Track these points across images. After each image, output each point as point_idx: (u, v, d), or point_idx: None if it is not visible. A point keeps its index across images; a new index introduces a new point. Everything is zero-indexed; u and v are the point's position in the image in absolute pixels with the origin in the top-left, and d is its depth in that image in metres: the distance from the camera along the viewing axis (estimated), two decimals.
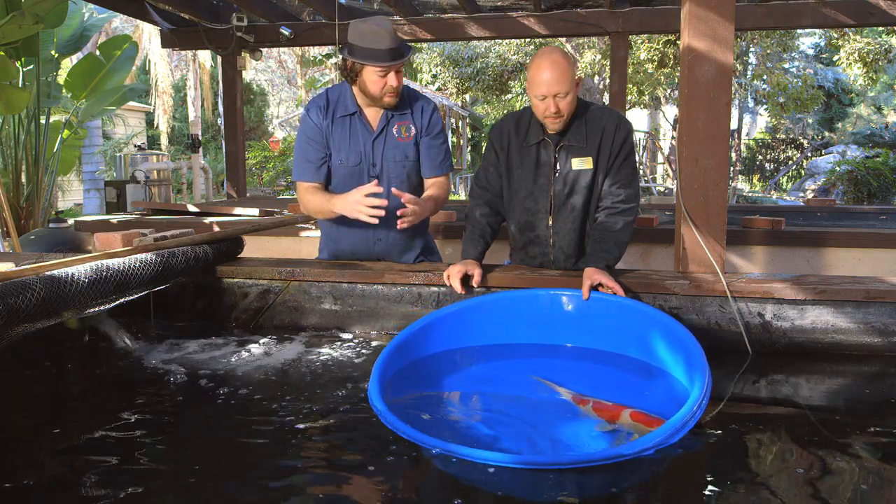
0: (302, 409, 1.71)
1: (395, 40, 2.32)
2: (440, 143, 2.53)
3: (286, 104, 25.72)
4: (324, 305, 2.43)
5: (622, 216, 2.28)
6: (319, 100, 2.49)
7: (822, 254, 4.04)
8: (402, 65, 2.36)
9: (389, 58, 2.30)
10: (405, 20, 6.29)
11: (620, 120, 2.31)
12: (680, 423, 1.45)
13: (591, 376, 2.00)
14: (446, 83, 15.61)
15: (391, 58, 2.30)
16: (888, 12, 5.56)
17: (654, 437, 1.41)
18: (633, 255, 4.17)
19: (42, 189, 6.35)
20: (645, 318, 2.00)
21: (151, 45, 15.80)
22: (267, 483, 1.35)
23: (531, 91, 2.20)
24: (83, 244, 4.37)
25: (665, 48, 12.46)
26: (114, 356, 2.16)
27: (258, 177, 16.62)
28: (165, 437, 1.59)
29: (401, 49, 2.34)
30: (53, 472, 1.41)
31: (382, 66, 2.30)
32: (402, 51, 2.34)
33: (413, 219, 2.30)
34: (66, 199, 13.63)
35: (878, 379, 1.98)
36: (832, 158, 14.31)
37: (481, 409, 1.77)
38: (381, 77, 2.33)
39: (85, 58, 6.93)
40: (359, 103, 2.45)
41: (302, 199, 2.50)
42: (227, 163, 7.23)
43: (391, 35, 2.30)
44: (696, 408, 1.51)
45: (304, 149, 2.48)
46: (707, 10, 2.32)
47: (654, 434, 1.41)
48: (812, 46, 21.58)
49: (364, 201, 2.24)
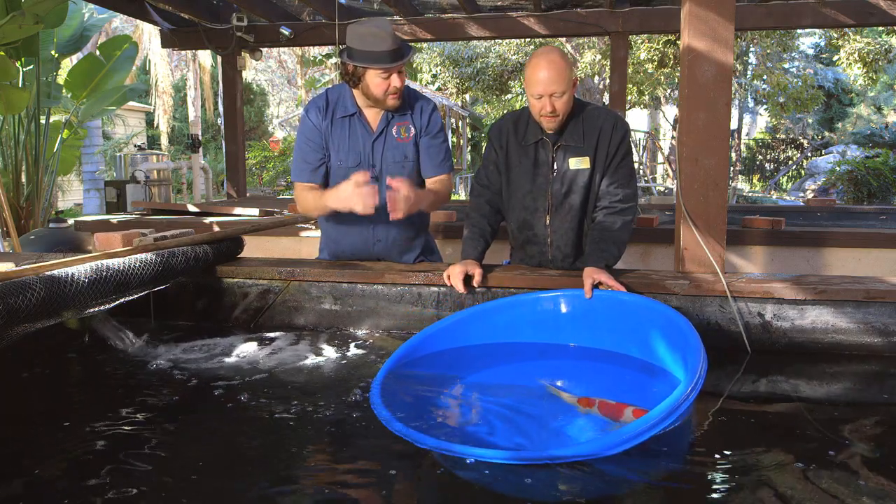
0: (302, 408, 1.71)
1: (396, 41, 2.31)
2: (440, 142, 2.53)
3: (286, 104, 25.72)
4: (324, 305, 2.43)
5: (621, 216, 2.28)
6: (319, 100, 2.48)
7: (822, 254, 4.04)
8: (404, 65, 2.35)
9: (391, 59, 2.29)
10: (405, 20, 6.29)
11: (617, 120, 2.32)
12: (667, 411, 1.41)
13: (594, 375, 2.00)
14: (446, 83, 15.61)
15: (392, 59, 2.30)
16: (888, 12, 5.56)
17: (646, 421, 1.39)
18: (633, 255, 4.17)
19: (42, 189, 6.35)
20: (645, 311, 2.01)
21: (151, 45, 15.80)
22: (266, 482, 1.35)
23: (528, 90, 2.22)
24: (83, 244, 4.37)
25: (665, 48, 12.46)
26: (114, 356, 2.16)
27: (258, 177, 16.62)
28: (165, 436, 1.59)
29: (402, 50, 2.33)
30: (53, 471, 1.41)
31: (385, 69, 2.29)
32: (402, 51, 2.33)
33: (405, 206, 2.23)
34: (66, 199, 13.63)
35: (878, 379, 1.98)
36: (832, 158, 14.32)
37: (483, 408, 1.76)
38: (384, 79, 2.32)
39: (85, 58, 6.94)
40: (358, 104, 2.45)
41: (298, 198, 2.51)
42: (227, 163, 7.23)
43: (391, 36, 2.29)
44: (689, 390, 1.48)
45: (302, 150, 2.49)
46: (707, 10, 2.32)
47: (647, 418, 1.40)
48: (812, 46, 21.59)
49: (357, 191, 2.20)
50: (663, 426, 1.42)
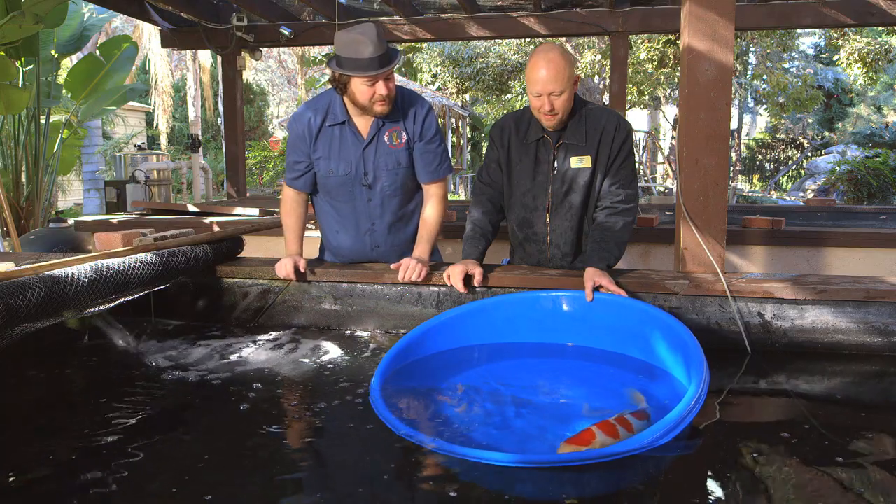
0: (301, 408, 1.71)
1: (380, 47, 2.23)
2: (435, 146, 2.48)
3: (286, 104, 25.71)
4: (324, 305, 2.43)
5: (622, 216, 2.28)
6: (306, 110, 2.45)
7: (822, 254, 4.04)
8: (390, 72, 2.29)
9: (374, 66, 2.23)
10: (405, 20, 6.29)
11: (620, 120, 2.32)
12: (674, 422, 1.43)
13: (593, 376, 2.00)
14: (446, 83, 15.61)
15: (376, 66, 2.23)
16: (888, 12, 5.56)
17: (648, 434, 1.40)
18: (633, 255, 4.17)
19: (42, 189, 6.35)
20: (645, 318, 2.01)
21: (151, 45, 15.80)
22: (266, 482, 1.35)
23: (528, 87, 2.22)
24: (83, 244, 4.37)
25: (665, 48, 12.46)
26: (114, 356, 2.16)
27: (258, 177, 16.62)
28: (165, 436, 1.59)
29: (387, 55, 2.26)
30: (53, 471, 1.41)
31: (368, 76, 2.25)
32: (388, 57, 2.26)
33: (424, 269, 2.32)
34: (66, 199, 13.63)
35: (878, 379, 1.98)
36: (832, 158, 14.30)
37: (481, 408, 1.76)
38: (368, 87, 2.27)
39: (85, 58, 6.93)
40: (349, 112, 2.42)
41: (282, 203, 2.59)
42: (227, 163, 7.23)
43: (374, 43, 2.22)
44: (692, 404, 1.50)
45: (288, 155, 2.53)
46: (707, 10, 2.32)
47: (649, 431, 1.40)
48: (812, 46, 21.57)
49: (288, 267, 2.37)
50: (667, 439, 1.42)
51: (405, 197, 2.52)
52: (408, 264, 2.31)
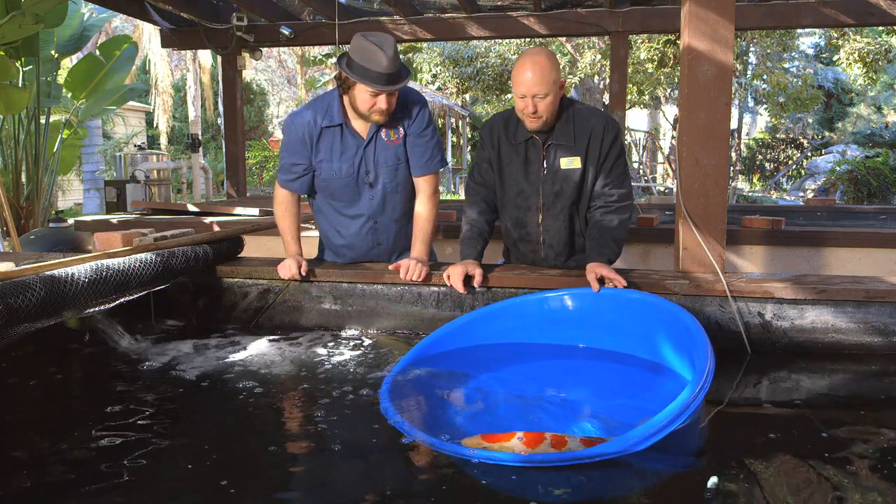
0: (302, 408, 1.71)
1: (394, 65, 2.23)
2: (426, 140, 2.47)
3: (286, 104, 25.70)
4: (324, 305, 2.43)
5: (617, 214, 2.29)
6: (306, 112, 2.45)
7: (822, 254, 4.03)
8: (396, 90, 2.29)
9: (382, 81, 2.23)
10: (405, 20, 6.29)
11: (608, 120, 2.33)
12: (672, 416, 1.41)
13: (602, 374, 2.01)
14: (446, 83, 15.60)
15: (384, 82, 2.23)
16: (888, 12, 5.56)
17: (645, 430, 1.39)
18: (633, 255, 4.17)
19: (42, 189, 6.35)
20: (653, 309, 2.01)
21: (151, 44, 15.78)
22: (266, 482, 1.35)
23: (514, 89, 2.25)
24: (83, 244, 4.37)
25: (665, 48, 12.45)
26: (114, 356, 2.16)
27: (258, 177, 16.62)
28: (165, 435, 1.59)
29: (398, 74, 2.26)
30: (53, 471, 1.41)
31: (375, 89, 2.24)
32: (399, 76, 2.26)
33: (424, 269, 2.32)
34: (66, 199, 13.62)
35: (878, 379, 1.98)
36: (832, 158, 14.29)
37: (486, 410, 1.77)
38: (371, 97, 2.27)
39: (85, 58, 6.93)
40: (346, 115, 2.41)
41: (276, 204, 2.57)
42: (227, 163, 7.22)
43: (389, 58, 2.21)
44: (694, 394, 1.47)
45: (284, 157, 2.52)
46: (707, 10, 2.32)
47: (646, 427, 1.39)
48: (812, 46, 21.56)
49: (293, 268, 2.37)
50: (671, 428, 1.42)
51: (407, 193, 2.53)
52: (408, 264, 2.31)
